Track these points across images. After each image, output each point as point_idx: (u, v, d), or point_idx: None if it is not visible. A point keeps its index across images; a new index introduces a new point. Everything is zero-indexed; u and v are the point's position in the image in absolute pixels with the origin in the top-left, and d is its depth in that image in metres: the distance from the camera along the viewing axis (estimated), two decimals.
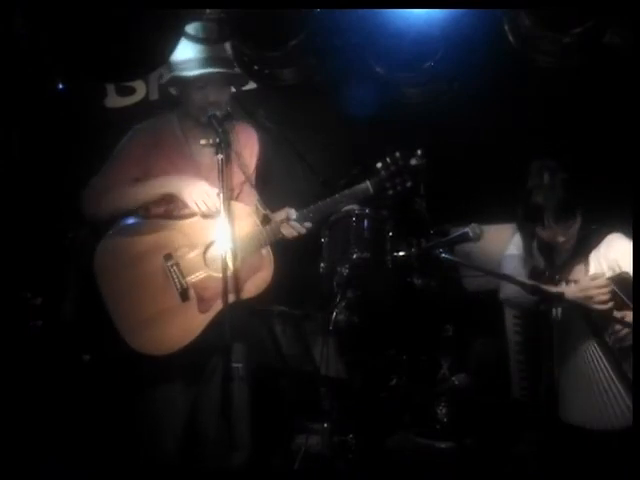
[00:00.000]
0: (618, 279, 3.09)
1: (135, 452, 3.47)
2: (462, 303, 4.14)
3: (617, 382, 3.10)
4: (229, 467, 3.33)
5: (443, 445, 3.83)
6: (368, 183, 3.36)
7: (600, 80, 3.92)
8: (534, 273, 3.31)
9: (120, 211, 3.32)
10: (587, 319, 3.15)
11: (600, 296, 3.08)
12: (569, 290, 3.15)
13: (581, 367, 3.16)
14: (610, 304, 3.08)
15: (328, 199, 3.36)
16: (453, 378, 3.93)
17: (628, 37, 3.31)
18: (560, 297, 3.08)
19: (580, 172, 3.31)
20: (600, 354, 3.13)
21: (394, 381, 4.03)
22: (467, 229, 3.33)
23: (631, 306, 3.04)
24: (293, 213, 3.36)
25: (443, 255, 3.33)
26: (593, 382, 3.14)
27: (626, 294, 3.06)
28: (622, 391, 3.09)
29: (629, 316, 3.05)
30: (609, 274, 3.14)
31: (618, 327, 3.09)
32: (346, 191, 3.36)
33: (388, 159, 3.37)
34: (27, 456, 3.72)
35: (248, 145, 3.47)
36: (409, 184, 3.39)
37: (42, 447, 3.85)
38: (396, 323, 4.10)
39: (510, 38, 3.41)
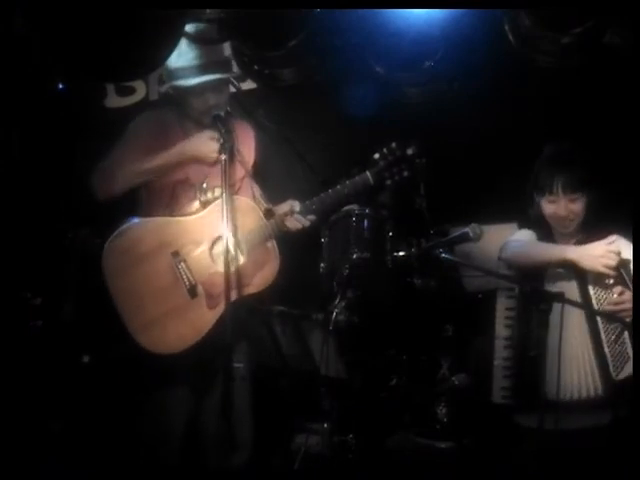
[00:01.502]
0: (621, 260, 3.11)
1: (136, 452, 3.47)
2: (462, 303, 4.14)
3: (593, 357, 3.11)
4: (229, 467, 3.33)
5: (443, 445, 3.83)
6: (368, 173, 3.39)
7: (600, 80, 3.92)
8: None
9: (134, 184, 3.34)
10: (583, 288, 3.15)
11: (609, 260, 3.09)
12: (578, 249, 3.17)
13: (567, 340, 3.14)
14: (614, 272, 3.09)
15: (330, 190, 3.38)
16: (453, 378, 3.93)
17: (628, 37, 3.30)
18: (560, 296, 3.08)
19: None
20: (586, 327, 3.14)
21: (394, 381, 4.03)
22: (467, 229, 3.33)
23: (630, 286, 3.06)
24: (297, 205, 3.38)
25: (443, 255, 3.33)
26: (573, 354, 3.14)
27: (626, 273, 3.09)
28: (594, 366, 3.11)
29: (627, 294, 3.07)
30: None
31: (613, 299, 3.11)
32: (347, 182, 3.39)
33: (385, 150, 3.41)
34: (27, 456, 3.72)
35: (246, 142, 3.49)
36: (406, 174, 3.42)
37: (42, 447, 3.85)
38: (396, 323, 4.10)
39: (510, 38, 3.41)
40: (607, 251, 3.11)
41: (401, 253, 3.76)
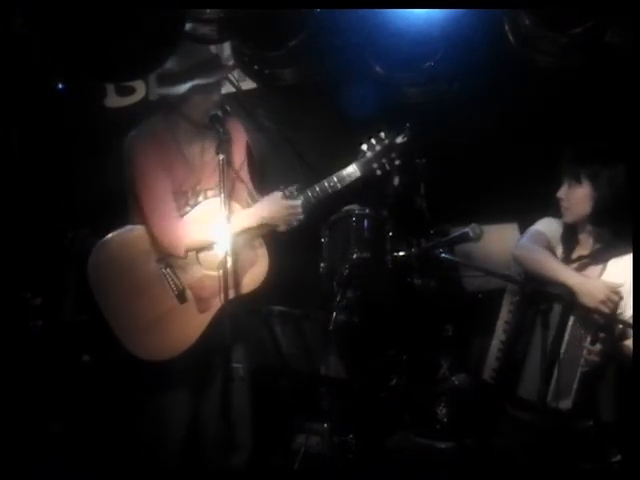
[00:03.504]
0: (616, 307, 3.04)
1: (136, 453, 3.48)
2: (462, 303, 4.14)
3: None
4: (229, 467, 3.33)
5: (443, 445, 3.83)
6: (354, 165, 3.36)
7: (600, 80, 3.92)
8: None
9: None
10: (564, 316, 3.13)
11: (605, 307, 3.02)
12: (581, 282, 3.09)
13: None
14: (602, 318, 3.03)
15: (316, 185, 3.35)
16: (453, 378, 3.92)
17: (628, 37, 3.30)
18: (560, 297, 3.08)
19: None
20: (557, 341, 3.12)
21: (394, 381, 4.02)
22: (467, 229, 3.34)
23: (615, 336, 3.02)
24: (278, 194, 3.34)
25: (443, 255, 3.33)
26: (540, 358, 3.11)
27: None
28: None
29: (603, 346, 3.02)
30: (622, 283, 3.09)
31: (587, 344, 3.05)
32: (333, 176, 3.35)
33: (372, 139, 3.39)
34: (27, 456, 3.72)
35: (237, 141, 3.45)
36: (397, 162, 3.39)
37: (42, 447, 3.85)
38: (396, 323, 4.09)
39: (510, 38, 3.41)
40: (608, 297, 3.02)
41: (401, 253, 3.75)
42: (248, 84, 4.19)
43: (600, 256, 3.20)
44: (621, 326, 3.06)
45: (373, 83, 3.77)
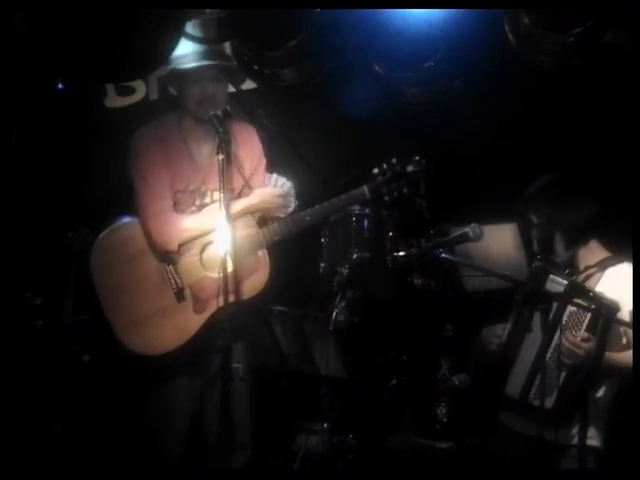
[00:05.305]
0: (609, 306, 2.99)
1: (137, 453, 3.48)
2: (462, 303, 4.14)
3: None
4: (229, 467, 3.33)
5: (443, 445, 3.83)
6: (365, 188, 3.37)
7: (600, 80, 3.92)
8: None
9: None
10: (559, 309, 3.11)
11: None
12: None
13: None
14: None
15: (325, 202, 3.36)
16: (453, 378, 3.93)
17: (628, 37, 3.31)
18: (560, 297, 3.07)
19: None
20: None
21: (394, 381, 4.02)
22: (467, 229, 3.33)
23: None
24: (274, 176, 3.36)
25: (443, 255, 3.33)
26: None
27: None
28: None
29: (589, 344, 2.99)
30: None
31: (572, 338, 3.02)
32: (343, 195, 3.37)
33: (385, 165, 3.39)
34: (27, 456, 3.72)
35: (246, 145, 3.45)
36: (405, 190, 3.40)
37: (42, 447, 3.85)
38: (396, 323, 4.10)
39: (510, 38, 3.42)
40: None
41: (401, 253, 3.75)
42: (248, 84, 4.20)
43: (602, 264, 3.21)
44: (621, 328, 3.04)
45: (373, 83, 3.78)
